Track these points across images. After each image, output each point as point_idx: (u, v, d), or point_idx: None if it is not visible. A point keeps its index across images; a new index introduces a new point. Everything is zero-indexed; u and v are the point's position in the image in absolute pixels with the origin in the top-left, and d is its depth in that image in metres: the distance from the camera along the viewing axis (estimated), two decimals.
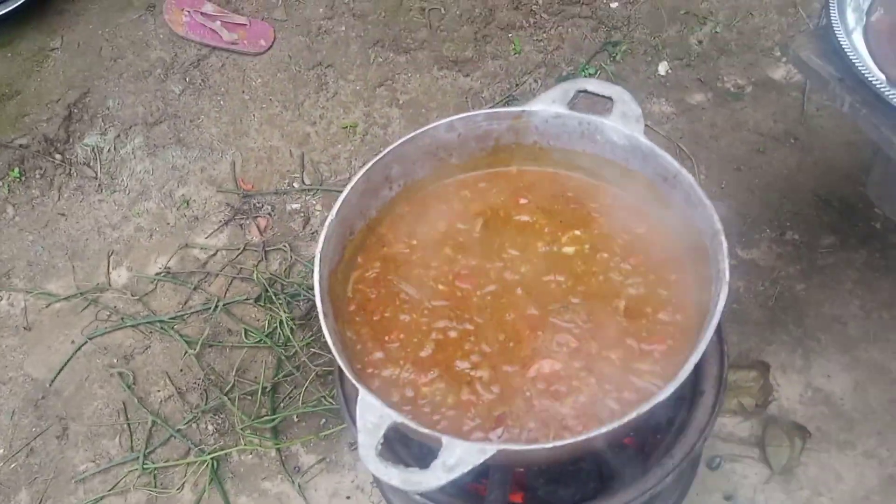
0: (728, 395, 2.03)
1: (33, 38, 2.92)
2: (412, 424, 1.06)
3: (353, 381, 1.10)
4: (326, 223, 1.27)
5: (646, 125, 2.72)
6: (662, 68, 2.77)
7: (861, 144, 2.44)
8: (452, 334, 1.27)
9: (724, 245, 1.16)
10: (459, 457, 1.01)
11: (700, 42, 2.78)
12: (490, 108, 2.69)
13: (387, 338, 1.27)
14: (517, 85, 2.76)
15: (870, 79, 1.47)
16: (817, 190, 2.40)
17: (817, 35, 1.63)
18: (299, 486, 2.06)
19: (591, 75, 2.76)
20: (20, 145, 2.74)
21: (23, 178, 2.71)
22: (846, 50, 1.50)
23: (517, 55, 2.80)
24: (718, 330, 1.37)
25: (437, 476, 1.00)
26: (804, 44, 1.64)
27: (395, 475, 1.01)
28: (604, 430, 1.02)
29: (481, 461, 1.01)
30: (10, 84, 2.83)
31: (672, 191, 1.30)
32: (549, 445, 1.03)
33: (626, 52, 2.78)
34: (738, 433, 2.00)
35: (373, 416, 1.06)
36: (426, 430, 1.05)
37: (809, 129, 2.53)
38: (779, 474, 1.93)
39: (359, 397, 1.08)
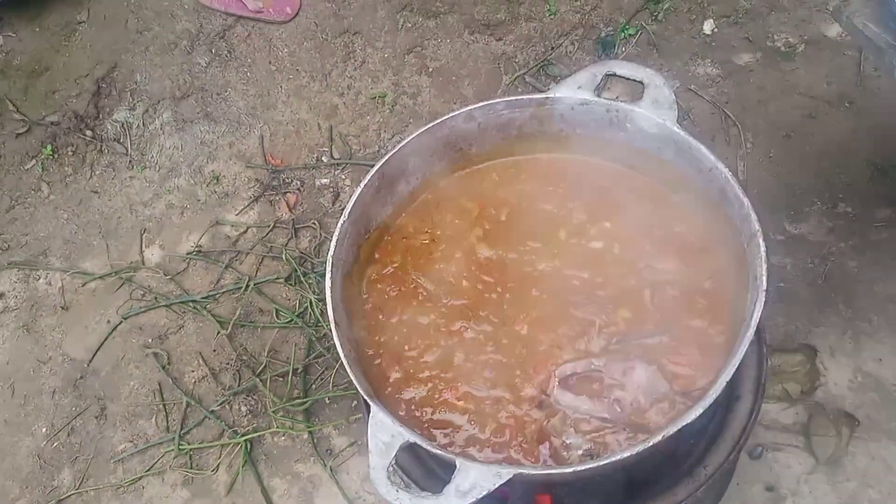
0: (772, 381, 1.95)
1: (60, 11, 2.89)
2: (425, 444, 1.02)
3: (365, 398, 1.06)
4: (339, 225, 1.22)
5: (689, 89, 2.59)
6: (708, 27, 2.61)
7: None
8: (470, 335, 1.21)
9: (763, 249, 1.07)
10: (474, 480, 0.97)
11: None
12: (516, 75, 2.57)
13: (406, 347, 1.22)
14: (553, 48, 2.64)
15: None
16: (873, 158, 2.25)
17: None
18: (331, 469, 2.05)
19: (630, 36, 2.61)
20: (51, 122, 2.74)
21: (55, 156, 2.72)
22: None
23: (552, 16, 2.66)
24: (758, 332, 1.29)
25: (449, 502, 0.96)
26: (859, 9, 1.51)
27: (406, 500, 0.97)
28: (626, 454, 0.96)
29: (497, 485, 0.96)
30: (39, 60, 2.82)
31: (708, 185, 1.21)
32: (569, 470, 0.98)
33: (668, 10, 2.62)
34: (782, 420, 1.92)
35: (385, 435, 1.02)
36: (438, 451, 1.01)
37: (866, 92, 2.36)
38: (824, 465, 1.84)
39: (370, 415, 1.03)
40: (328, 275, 1.17)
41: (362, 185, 1.26)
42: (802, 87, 2.42)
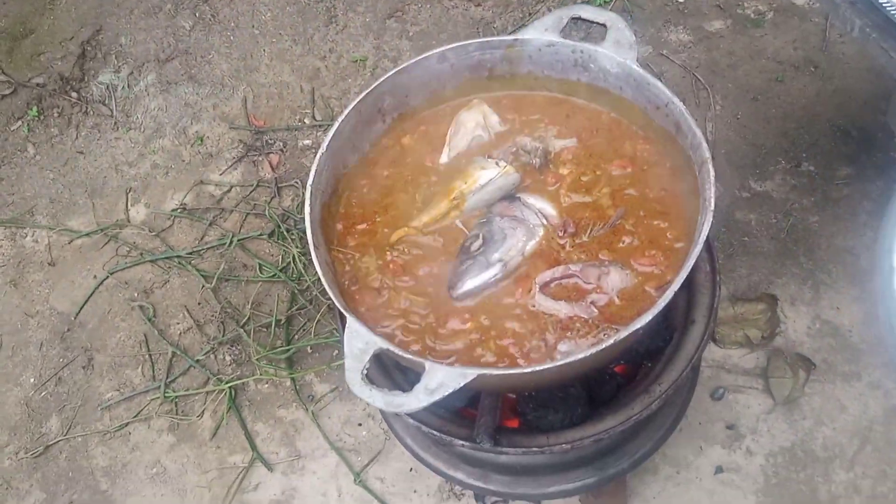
0: (735, 328, 2.04)
1: None
2: (395, 350, 1.09)
3: (341, 309, 1.14)
4: (317, 157, 1.28)
5: (661, 54, 2.67)
6: None
7: (884, 72, 2.35)
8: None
9: (712, 174, 1.15)
10: (441, 380, 1.04)
11: None
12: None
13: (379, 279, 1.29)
14: (530, 14, 2.71)
15: (881, 2, 1.41)
16: (836, 120, 2.34)
17: None
18: (313, 413, 2.13)
19: (605, 3, 2.69)
20: (37, 84, 2.77)
21: (41, 117, 2.76)
22: None
23: None
24: (712, 259, 1.37)
25: (418, 398, 1.04)
26: None
27: (378, 398, 1.05)
28: (579, 356, 1.04)
29: (462, 384, 1.04)
30: (23, 22, 2.85)
31: (664, 119, 1.29)
32: (528, 370, 1.06)
33: None
34: (743, 365, 2.01)
35: (359, 342, 1.09)
36: (408, 356, 1.08)
37: (831, 57, 2.45)
38: (782, 405, 1.94)
39: (346, 325, 1.11)
40: (307, 201, 1.24)
41: (339, 120, 1.32)
42: (770, 52, 2.51)
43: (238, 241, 2.42)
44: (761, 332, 2.03)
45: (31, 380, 2.33)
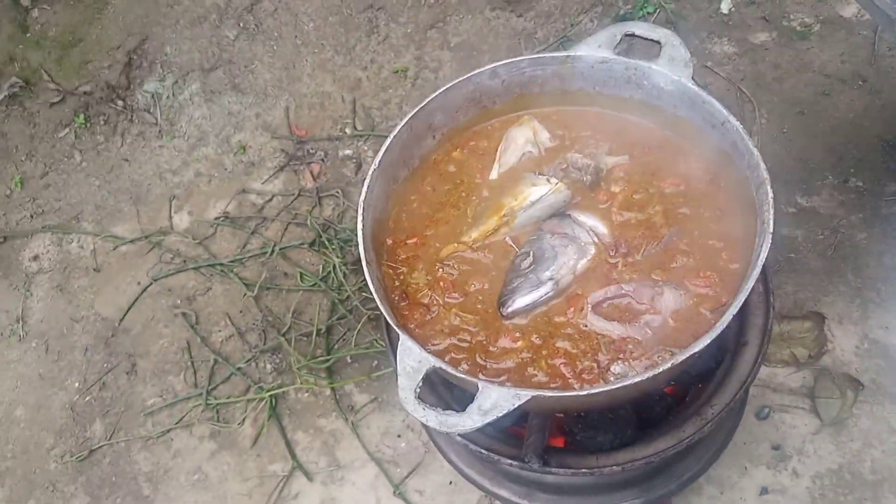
0: (781, 346, 2.01)
1: None
2: (449, 369, 1.09)
3: (395, 327, 1.14)
4: (369, 172, 1.29)
5: (705, 66, 2.64)
6: (725, 6, 2.65)
7: None
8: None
9: (770, 195, 1.13)
10: (495, 401, 1.04)
11: None
12: (536, 52, 2.63)
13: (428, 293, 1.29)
14: (572, 25, 2.69)
15: None
16: (884, 135, 2.30)
17: None
18: (352, 423, 2.13)
19: (649, 14, 2.66)
20: (84, 92, 2.83)
21: (88, 125, 2.81)
22: None
23: None
24: (765, 280, 1.35)
25: (472, 419, 1.03)
26: None
27: (432, 417, 1.04)
28: (635, 379, 1.03)
29: (515, 406, 1.03)
30: (73, 32, 2.91)
31: (720, 138, 1.27)
32: (583, 392, 1.05)
33: None
34: (789, 384, 1.98)
35: (412, 360, 1.10)
36: (462, 375, 1.08)
37: (879, 71, 2.40)
38: (829, 426, 1.90)
39: (399, 342, 1.11)
40: (359, 216, 1.25)
41: (391, 136, 1.33)
42: (817, 65, 2.47)
43: (279, 250, 2.45)
44: (808, 350, 2.00)
45: (76, 384, 2.37)
